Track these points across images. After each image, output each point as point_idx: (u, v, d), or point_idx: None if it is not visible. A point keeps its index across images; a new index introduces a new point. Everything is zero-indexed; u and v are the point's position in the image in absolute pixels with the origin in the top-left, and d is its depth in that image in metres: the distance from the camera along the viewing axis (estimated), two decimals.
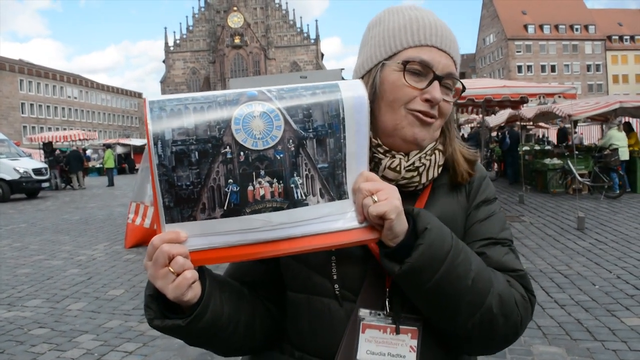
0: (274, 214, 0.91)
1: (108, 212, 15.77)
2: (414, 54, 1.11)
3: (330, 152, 0.94)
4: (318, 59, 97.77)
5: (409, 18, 1.15)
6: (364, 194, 0.94)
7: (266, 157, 0.90)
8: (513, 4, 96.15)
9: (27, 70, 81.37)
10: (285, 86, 0.95)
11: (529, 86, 13.49)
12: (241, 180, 0.89)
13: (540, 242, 8.69)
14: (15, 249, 10.12)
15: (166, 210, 0.89)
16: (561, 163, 15.25)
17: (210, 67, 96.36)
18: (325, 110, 0.93)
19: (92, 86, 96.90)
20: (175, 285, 0.90)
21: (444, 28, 1.15)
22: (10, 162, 21.22)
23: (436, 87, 1.09)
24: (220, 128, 0.88)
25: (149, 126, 0.86)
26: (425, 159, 1.14)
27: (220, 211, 0.90)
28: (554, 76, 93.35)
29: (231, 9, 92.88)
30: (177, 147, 0.87)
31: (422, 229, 0.98)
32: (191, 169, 0.88)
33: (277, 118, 0.90)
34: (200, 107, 0.88)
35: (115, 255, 9.19)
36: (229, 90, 0.92)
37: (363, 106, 0.95)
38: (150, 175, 0.89)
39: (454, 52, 1.16)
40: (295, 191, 0.92)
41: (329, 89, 0.95)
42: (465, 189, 1.22)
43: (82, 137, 34.53)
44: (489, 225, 1.18)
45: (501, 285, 1.07)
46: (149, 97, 0.90)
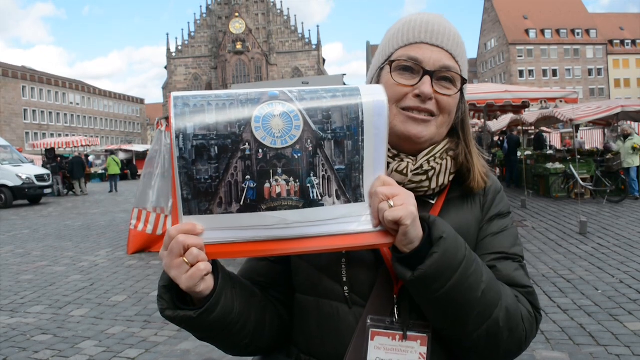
0: (289, 212, 0.92)
1: (110, 218, 15.78)
2: (402, 53, 1.14)
3: (347, 154, 0.95)
4: (320, 65, 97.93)
5: (404, 22, 1.18)
6: (381, 198, 0.95)
7: (284, 155, 0.91)
8: (514, 8, 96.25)
9: (30, 76, 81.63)
10: (306, 87, 0.96)
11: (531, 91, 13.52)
12: (258, 177, 0.91)
13: (542, 247, 8.68)
14: (17, 255, 10.13)
15: (184, 202, 0.91)
16: (563, 167, 15.26)
17: (212, 73, 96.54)
18: (345, 112, 0.94)
19: (95, 92, 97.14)
20: (188, 275, 0.92)
21: (437, 24, 1.15)
22: (12, 169, 21.26)
23: (425, 82, 1.10)
24: (241, 125, 0.90)
25: (172, 120, 0.89)
26: (435, 162, 1.14)
27: (237, 206, 0.91)
28: (555, 81, 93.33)
29: (233, 15, 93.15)
30: (197, 142, 0.89)
31: (438, 237, 0.98)
32: (210, 164, 0.90)
33: (297, 118, 0.92)
34: (222, 104, 0.91)
35: (117, 261, 9.20)
36: (252, 90, 0.94)
37: (383, 110, 0.96)
38: (152, 181, 0.90)
39: (451, 46, 1.15)
40: (311, 191, 0.93)
41: (350, 92, 0.96)
42: (480, 201, 1.22)
43: (84, 144, 34.64)
44: (502, 240, 1.19)
45: (509, 299, 1.08)
46: (174, 93, 0.93)
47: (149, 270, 8.36)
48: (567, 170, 14.69)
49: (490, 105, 11.52)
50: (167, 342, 5.15)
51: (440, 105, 1.13)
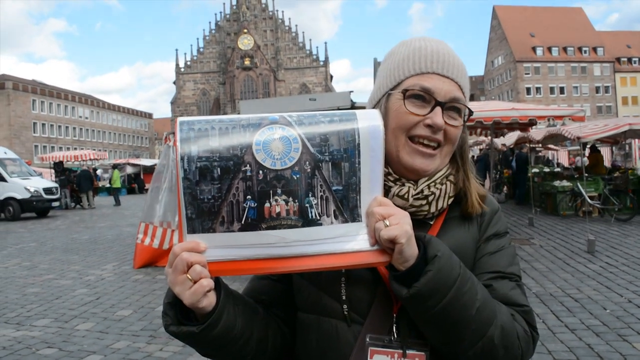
0: (288, 231, 0.96)
1: (117, 232, 15.82)
2: (414, 81, 1.15)
3: (345, 175, 0.98)
4: (327, 81, 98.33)
5: (413, 48, 1.19)
6: (377, 217, 0.98)
7: (283, 176, 0.95)
8: (521, 26, 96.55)
9: (40, 90, 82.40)
10: (305, 112, 1.01)
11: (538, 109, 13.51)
12: (259, 197, 0.95)
13: (550, 265, 8.63)
14: (24, 268, 10.16)
15: (188, 221, 0.95)
16: (571, 185, 15.19)
17: (221, 89, 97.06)
18: (342, 136, 0.98)
19: (103, 106, 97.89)
20: (192, 291, 0.95)
21: (447, 55, 1.18)
22: (21, 181, 21.42)
23: (437, 113, 1.12)
24: (242, 148, 0.95)
25: (178, 143, 0.94)
26: (435, 188, 1.17)
27: (238, 225, 0.95)
28: (562, 98, 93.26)
29: (241, 31, 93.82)
30: (201, 163, 0.94)
31: (432, 255, 1.01)
32: (213, 184, 0.94)
33: (296, 141, 0.96)
34: (225, 128, 0.96)
35: (123, 275, 9.21)
36: (253, 115, 0.99)
37: (378, 134, 0.99)
38: (159, 195, 0.93)
39: (459, 77, 1.18)
40: (309, 211, 0.97)
41: (347, 116, 1.01)
42: (477, 221, 1.24)
43: (92, 157, 34.80)
44: (498, 259, 1.20)
45: (505, 317, 1.09)
46: (179, 118, 0.98)
47: (155, 284, 8.37)
48: (574, 188, 14.62)
49: (497, 123, 11.52)
50: (172, 357, 5.14)
51: (447, 135, 1.16)
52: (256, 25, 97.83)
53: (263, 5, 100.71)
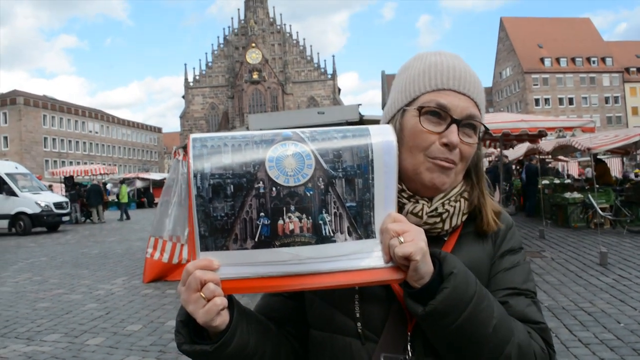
0: (302, 249, 0.95)
1: (127, 246, 15.86)
2: (430, 98, 1.14)
3: (358, 191, 0.97)
4: (335, 94, 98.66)
5: (428, 63, 1.18)
6: (391, 234, 0.96)
7: (297, 193, 0.95)
8: (529, 37, 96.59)
9: (51, 105, 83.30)
10: (318, 128, 1.01)
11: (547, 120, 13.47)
12: (272, 214, 0.94)
13: (562, 278, 8.54)
14: (35, 283, 10.19)
15: (201, 238, 0.94)
16: (582, 197, 15.09)
17: (229, 102, 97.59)
18: (355, 152, 0.97)
19: (113, 121, 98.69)
20: (205, 310, 0.94)
21: (463, 71, 1.17)
22: (32, 196, 21.57)
23: (453, 131, 1.11)
24: (255, 164, 0.94)
25: (191, 160, 0.93)
26: (449, 205, 1.16)
27: (252, 242, 0.94)
28: (572, 109, 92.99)
29: (249, 46, 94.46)
30: (214, 180, 0.93)
31: (448, 272, 1.00)
32: (226, 201, 0.93)
33: (309, 157, 0.96)
34: (238, 144, 0.95)
35: (133, 290, 9.21)
36: (266, 131, 0.99)
37: (392, 150, 0.99)
38: (168, 209, 0.92)
39: (475, 94, 1.17)
40: (323, 227, 0.96)
41: (360, 132, 1.00)
42: (492, 237, 1.22)
43: (102, 172, 35.05)
44: (513, 275, 1.19)
45: (521, 335, 1.07)
46: (192, 135, 0.97)
47: (164, 299, 8.36)
48: (585, 199, 14.52)
49: (506, 135, 11.49)
50: None
51: (462, 153, 1.15)
52: (264, 39, 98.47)
53: (271, 19, 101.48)
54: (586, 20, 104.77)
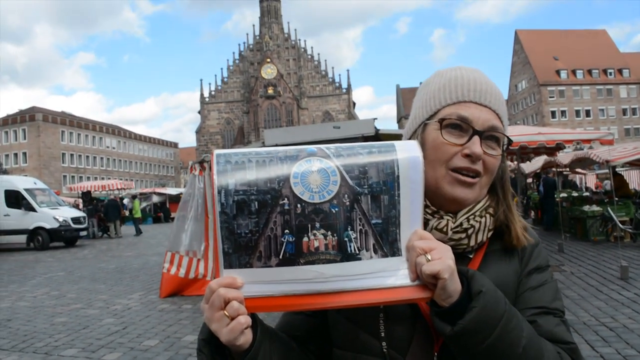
0: (327, 266, 0.94)
1: (143, 260, 15.93)
2: (451, 111, 1.13)
3: (384, 208, 0.96)
4: (350, 108, 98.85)
5: (448, 78, 1.18)
6: (418, 252, 0.94)
7: (322, 210, 0.93)
8: (544, 50, 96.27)
9: (69, 121, 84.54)
10: (343, 144, 0.99)
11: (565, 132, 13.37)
12: (297, 231, 0.93)
13: (582, 293, 8.41)
14: (53, 297, 10.25)
15: (225, 256, 0.93)
16: (601, 210, 14.90)
17: (244, 117, 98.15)
18: (381, 168, 0.96)
19: (130, 137, 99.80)
20: (229, 329, 0.92)
21: (483, 83, 1.16)
22: (50, 211, 21.82)
23: (476, 142, 1.10)
24: (280, 181, 0.93)
25: (215, 176, 0.92)
26: (474, 221, 1.14)
27: (276, 260, 0.93)
28: (589, 121, 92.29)
29: (264, 61, 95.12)
30: (238, 197, 0.92)
31: (477, 291, 0.97)
32: (250, 218, 0.92)
33: (334, 174, 0.94)
34: (262, 160, 0.94)
35: (150, 304, 9.23)
36: (290, 147, 0.98)
37: (418, 166, 0.97)
38: (185, 224, 0.91)
39: (496, 105, 1.16)
40: (348, 245, 0.94)
41: (385, 148, 0.99)
42: (518, 255, 1.20)
43: (119, 187, 35.36)
44: (541, 294, 1.16)
45: (551, 355, 1.05)
46: (216, 150, 0.96)
47: (181, 314, 8.36)
48: (604, 212, 14.33)
49: (523, 148, 11.42)
50: None
51: (486, 165, 1.13)
52: (279, 55, 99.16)
53: (285, 34, 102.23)
54: (602, 31, 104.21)
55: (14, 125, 79.49)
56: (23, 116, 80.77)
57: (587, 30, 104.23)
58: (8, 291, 11.29)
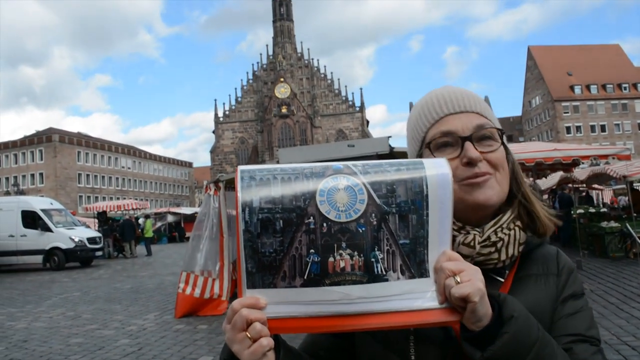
0: (353, 287, 0.91)
1: (158, 280, 15.94)
2: (434, 132, 1.15)
3: (412, 228, 0.93)
4: (363, 126, 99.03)
5: (421, 105, 1.21)
6: (447, 273, 0.91)
7: (348, 229, 0.90)
8: (557, 65, 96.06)
9: (85, 142, 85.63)
10: (370, 161, 0.96)
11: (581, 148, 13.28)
12: (322, 251, 0.90)
13: (602, 311, 8.27)
14: (68, 318, 10.28)
15: (248, 275, 0.90)
16: (619, 226, 14.70)
17: (258, 137, 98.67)
18: (409, 186, 0.93)
19: (145, 157, 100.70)
20: (251, 351, 0.90)
21: (451, 93, 1.17)
22: (66, 231, 21.98)
23: (469, 148, 1.10)
24: (305, 199, 0.90)
25: (239, 193, 0.89)
26: (502, 233, 1.12)
27: (300, 280, 0.90)
28: (604, 136, 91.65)
29: (278, 80, 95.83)
30: (263, 215, 0.89)
31: (509, 316, 0.94)
32: (275, 237, 0.89)
33: (361, 192, 0.92)
34: (287, 177, 0.92)
35: (165, 325, 9.21)
36: (316, 164, 0.95)
37: (447, 184, 0.94)
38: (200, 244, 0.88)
39: (472, 106, 1.16)
40: (375, 266, 0.91)
41: (413, 165, 0.96)
42: (553, 280, 1.17)
43: (134, 207, 35.58)
44: (577, 321, 1.13)
45: None
46: (240, 167, 0.93)
47: (196, 334, 8.33)
48: (623, 228, 14.14)
49: (539, 164, 11.34)
50: None
51: (492, 162, 1.12)
52: (292, 74, 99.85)
53: (299, 54, 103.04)
54: (616, 46, 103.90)
55: (31, 146, 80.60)
56: (40, 137, 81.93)
57: (601, 45, 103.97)
58: (24, 312, 11.34)
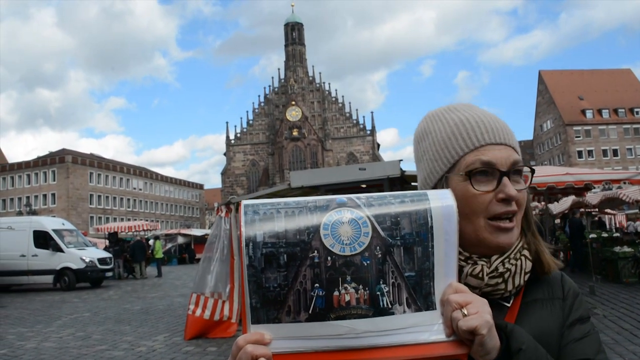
0: (359, 321, 0.90)
1: (168, 302, 15.93)
2: (472, 159, 1.10)
3: (417, 260, 0.92)
4: (374, 150, 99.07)
5: (454, 123, 1.14)
6: (454, 306, 0.90)
7: (353, 263, 0.90)
8: (568, 90, 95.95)
9: (97, 163, 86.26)
10: (374, 194, 0.96)
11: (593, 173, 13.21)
12: (327, 285, 0.89)
13: (616, 337, 8.15)
14: (78, 339, 10.28)
15: (253, 310, 0.90)
16: (632, 251, 14.55)
17: (269, 159, 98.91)
18: (414, 218, 0.93)
19: (156, 178, 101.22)
20: None
21: (492, 119, 1.14)
22: (77, 252, 22.07)
23: (507, 184, 1.07)
24: (310, 232, 0.90)
25: (243, 228, 0.89)
26: (510, 264, 1.11)
27: (305, 315, 0.89)
28: (616, 160, 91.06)
29: (289, 104, 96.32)
30: (267, 250, 0.89)
31: (517, 349, 0.93)
32: (279, 272, 0.89)
33: (365, 225, 0.91)
34: (291, 211, 0.91)
35: (174, 347, 9.18)
36: (320, 197, 0.95)
37: (452, 216, 0.94)
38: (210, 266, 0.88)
39: (510, 139, 1.13)
40: (381, 299, 0.90)
41: (418, 197, 0.96)
42: (559, 305, 1.17)
43: (145, 228, 35.67)
44: (585, 346, 1.12)
45: None
46: (244, 201, 0.93)
47: (205, 357, 8.29)
48: (636, 253, 13.99)
49: (551, 188, 11.29)
50: None
51: (519, 202, 1.10)
52: (304, 97, 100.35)
53: (310, 78, 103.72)
54: (627, 71, 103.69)
55: (44, 167, 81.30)
56: (53, 158, 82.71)
57: (612, 70, 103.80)
58: (34, 332, 11.36)
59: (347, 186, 8.85)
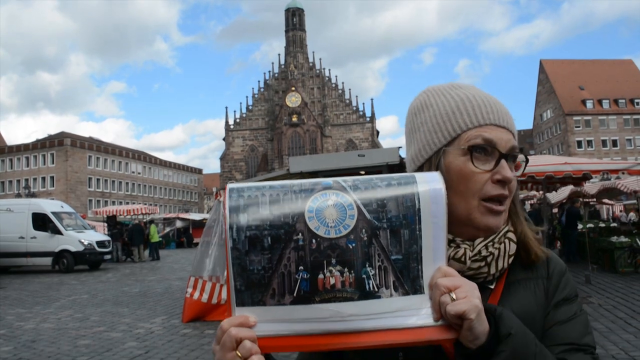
0: (344, 305, 0.88)
1: (166, 285, 16.00)
2: (475, 134, 1.07)
3: (404, 243, 0.90)
4: (374, 137, 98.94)
5: (459, 98, 1.12)
6: (442, 290, 0.88)
7: (338, 245, 0.88)
8: (569, 80, 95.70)
9: (96, 147, 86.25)
10: (360, 177, 0.95)
11: (592, 162, 13.22)
12: (312, 268, 0.88)
13: (610, 326, 8.22)
14: (76, 320, 10.35)
15: (237, 293, 0.89)
16: (629, 241, 14.61)
17: (268, 145, 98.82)
18: (401, 201, 0.91)
19: (155, 162, 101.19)
20: None
21: (497, 103, 1.12)
22: (76, 234, 22.11)
23: (505, 166, 1.05)
24: (294, 215, 0.89)
25: (227, 211, 0.89)
26: (493, 248, 1.08)
27: (290, 298, 0.89)
28: (616, 151, 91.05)
29: (289, 89, 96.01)
30: (251, 232, 0.88)
31: (506, 333, 0.91)
32: (263, 254, 0.88)
33: (351, 207, 0.90)
34: (276, 194, 0.90)
35: (172, 329, 9.25)
36: (305, 180, 0.94)
37: (440, 198, 0.92)
38: (209, 249, 0.89)
39: (511, 124, 1.11)
40: (367, 282, 0.89)
41: (405, 180, 0.94)
42: (544, 284, 1.13)
43: (144, 212, 35.70)
44: (571, 329, 1.09)
45: None
46: (229, 185, 0.93)
47: (203, 339, 8.36)
48: (633, 243, 14.06)
49: (549, 178, 11.30)
50: None
51: (510, 188, 1.08)
52: (303, 83, 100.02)
53: (310, 64, 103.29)
54: (628, 61, 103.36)
55: (43, 150, 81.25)
56: (52, 141, 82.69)
57: (613, 60, 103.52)
58: (33, 313, 11.43)
59: (346, 172, 8.84)
